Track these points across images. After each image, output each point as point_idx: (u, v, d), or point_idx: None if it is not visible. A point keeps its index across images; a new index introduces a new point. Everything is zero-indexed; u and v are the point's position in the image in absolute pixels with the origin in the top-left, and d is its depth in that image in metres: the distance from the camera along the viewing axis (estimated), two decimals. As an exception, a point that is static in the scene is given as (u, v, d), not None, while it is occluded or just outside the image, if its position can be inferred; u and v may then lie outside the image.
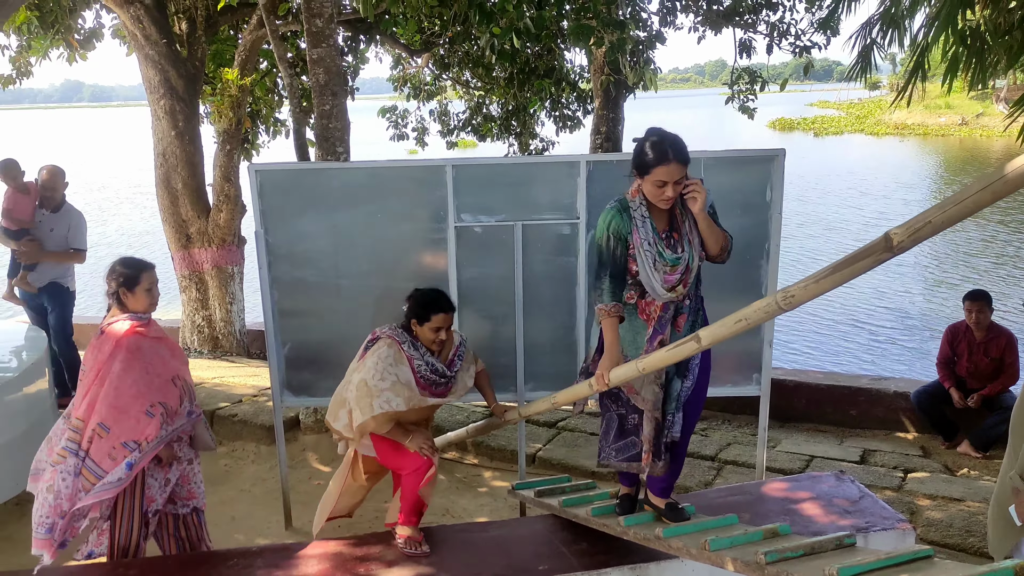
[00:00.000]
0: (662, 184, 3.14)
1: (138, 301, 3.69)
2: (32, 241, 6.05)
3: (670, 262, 3.22)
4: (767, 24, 10.67)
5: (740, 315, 2.49)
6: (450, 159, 4.34)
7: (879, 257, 2.04)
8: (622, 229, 3.26)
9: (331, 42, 5.13)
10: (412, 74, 12.95)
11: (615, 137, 8.84)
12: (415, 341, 3.78)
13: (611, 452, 3.42)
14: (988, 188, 1.81)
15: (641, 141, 3.25)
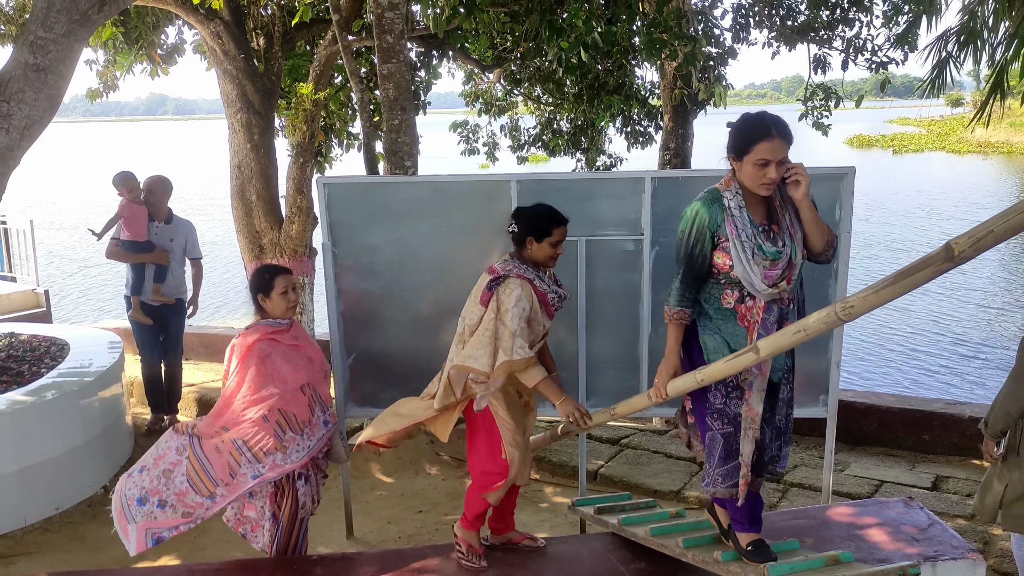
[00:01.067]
0: (764, 163, 2.83)
1: (275, 306, 3.79)
2: (164, 251, 6.06)
3: (770, 256, 2.89)
4: (843, 40, 10.47)
5: (800, 325, 2.47)
6: (514, 174, 4.37)
7: (940, 267, 2.00)
8: (710, 222, 2.93)
9: (401, 58, 5.23)
10: (484, 89, 13.10)
11: (684, 153, 8.76)
12: (539, 271, 3.56)
13: (717, 478, 3.05)
14: None
15: (738, 121, 2.97)
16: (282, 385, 3.68)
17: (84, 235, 11.97)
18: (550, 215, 3.54)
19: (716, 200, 2.97)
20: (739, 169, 2.94)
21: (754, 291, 2.92)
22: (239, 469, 3.58)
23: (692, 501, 5.25)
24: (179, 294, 6.25)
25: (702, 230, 2.94)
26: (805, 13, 10.58)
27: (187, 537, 3.91)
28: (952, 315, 12.48)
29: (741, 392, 2.99)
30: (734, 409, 3.00)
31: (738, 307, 2.99)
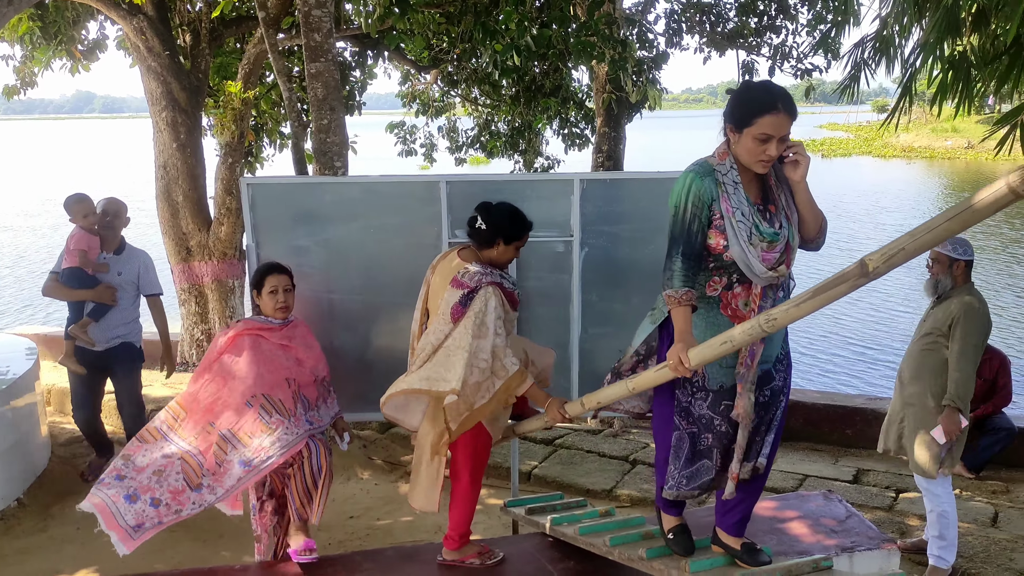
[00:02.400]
0: (766, 139, 2.62)
1: (263, 304, 3.80)
2: (110, 288, 4.98)
3: (768, 237, 2.68)
4: (770, 46, 10.73)
5: (725, 336, 2.50)
6: (444, 175, 4.37)
7: (856, 282, 2.07)
8: (706, 194, 2.69)
9: (329, 56, 5.18)
10: (421, 90, 13.06)
11: (616, 156, 8.86)
12: (504, 272, 3.49)
13: (682, 479, 2.90)
14: (957, 217, 1.84)
15: (741, 88, 2.77)
16: (268, 373, 3.61)
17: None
18: (522, 219, 3.48)
19: (709, 173, 2.73)
20: (736, 141, 2.71)
21: (751, 275, 2.72)
22: (225, 457, 3.44)
23: (623, 499, 5.31)
24: (130, 337, 5.13)
25: (699, 203, 2.70)
26: (734, 20, 10.81)
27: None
28: (870, 316, 12.89)
29: (707, 394, 2.84)
30: (698, 410, 2.86)
31: (724, 295, 2.79)
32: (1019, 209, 22.50)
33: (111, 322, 4.99)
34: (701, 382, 2.83)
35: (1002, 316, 12.17)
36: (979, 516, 4.98)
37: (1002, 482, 5.71)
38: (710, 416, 2.84)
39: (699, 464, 2.89)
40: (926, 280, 4.32)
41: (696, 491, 2.90)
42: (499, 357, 3.33)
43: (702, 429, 2.86)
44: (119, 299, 4.99)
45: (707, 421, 2.84)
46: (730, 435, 2.86)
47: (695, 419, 2.87)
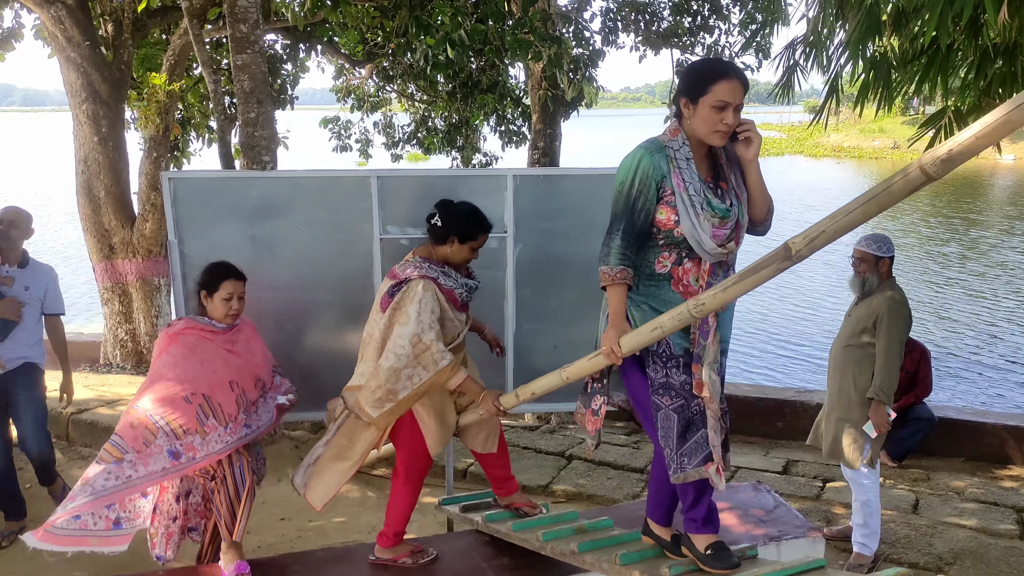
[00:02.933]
0: (723, 106, 2.57)
1: (214, 308, 3.60)
2: (15, 302, 4.52)
3: (719, 213, 2.64)
4: (703, 46, 10.89)
5: (656, 323, 2.52)
6: (375, 170, 4.30)
7: (780, 265, 2.09)
8: (654, 172, 2.64)
9: (256, 48, 5.06)
10: (356, 85, 12.88)
11: (552, 153, 8.88)
12: (445, 268, 3.41)
13: (683, 459, 2.70)
14: (874, 200, 1.87)
15: (691, 64, 2.76)
16: (210, 374, 3.46)
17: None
18: (479, 221, 3.45)
19: (659, 150, 2.68)
20: (691, 115, 2.64)
21: (701, 251, 2.66)
22: (154, 440, 3.29)
23: (559, 495, 5.32)
24: (35, 359, 4.65)
25: (646, 180, 2.64)
26: (669, 19, 10.94)
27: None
28: (795, 311, 13.19)
29: (678, 362, 2.71)
30: (677, 378, 2.71)
31: (674, 270, 2.72)
32: (935, 208, 23.31)
33: (17, 341, 4.53)
34: (668, 350, 2.71)
35: (919, 310, 12.60)
36: (901, 503, 5.12)
37: (923, 470, 5.88)
38: (688, 381, 2.71)
39: (696, 436, 2.70)
40: (852, 278, 4.40)
41: (701, 467, 2.68)
42: (429, 349, 3.27)
43: (688, 398, 2.70)
44: (24, 316, 4.54)
45: (690, 387, 2.70)
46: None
47: (678, 390, 2.70)
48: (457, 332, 3.48)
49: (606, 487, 5.33)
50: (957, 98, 4.35)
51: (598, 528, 3.39)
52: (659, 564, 2.84)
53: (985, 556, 4.40)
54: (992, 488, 5.46)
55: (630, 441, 6.32)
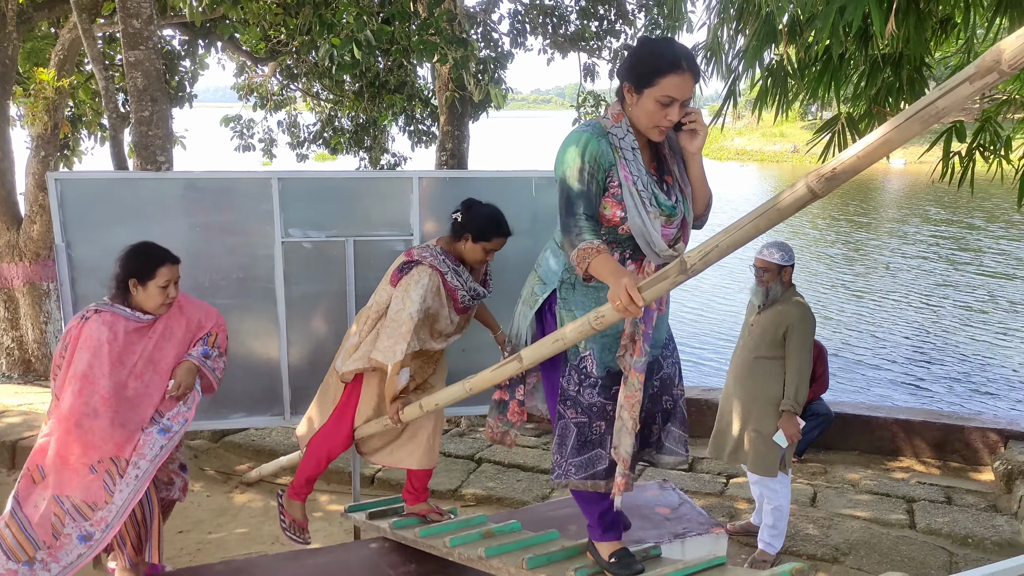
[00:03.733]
0: (668, 102, 2.35)
1: (148, 298, 3.23)
2: None
3: (667, 210, 2.46)
4: (610, 50, 11.06)
5: (558, 335, 2.51)
6: (276, 172, 4.20)
7: (676, 279, 2.11)
8: (603, 158, 2.41)
9: (150, 44, 4.86)
10: (258, 83, 12.55)
11: (460, 154, 8.85)
12: (458, 266, 3.41)
13: (569, 468, 2.66)
14: (764, 215, 1.91)
15: (641, 44, 2.47)
16: (122, 403, 3.14)
17: None
18: (496, 223, 3.42)
19: (603, 135, 2.45)
20: (633, 103, 2.43)
21: (649, 252, 2.46)
22: (63, 529, 3.09)
23: (468, 499, 5.30)
24: None
25: (594, 162, 2.41)
26: (576, 23, 11.06)
27: None
28: (692, 315, 13.52)
29: (596, 381, 2.59)
30: (588, 399, 2.61)
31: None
32: (824, 211, 24.27)
33: None
34: (588, 368, 2.60)
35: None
36: (800, 497, 5.30)
37: (820, 464, 6.10)
38: (602, 403, 2.61)
39: (591, 454, 2.63)
40: (754, 288, 4.37)
41: (587, 481, 2.63)
42: (392, 336, 3.31)
43: (593, 417, 2.61)
44: None
45: (599, 409, 2.61)
46: (620, 423, 2.60)
47: (584, 408, 2.61)
48: (447, 332, 3.51)
49: (516, 489, 5.33)
50: (850, 105, 4.52)
51: (506, 532, 3.38)
52: (566, 567, 2.84)
53: (878, 546, 4.59)
54: (884, 480, 5.70)
55: (540, 443, 6.35)
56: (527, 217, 4.28)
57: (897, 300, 13.52)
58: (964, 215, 22.62)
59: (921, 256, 17.14)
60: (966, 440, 6.15)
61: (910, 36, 3.77)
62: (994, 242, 18.34)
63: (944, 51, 4.82)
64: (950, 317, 12.18)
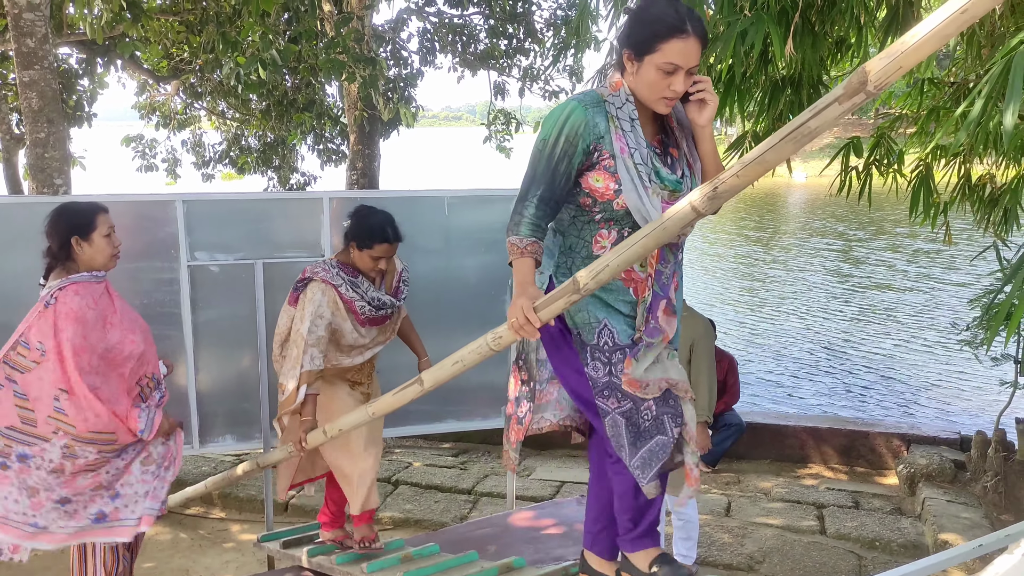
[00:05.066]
0: (672, 70, 2.13)
1: (97, 251, 3.03)
2: None
3: (670, 185, 2.23)
4: (519, 68, 11.19)
5: (456, 357, 2.50)
6: (181, 194, 4.09)
7: (570, 298, 2.13)
8: (586, 130, 2.20)
9: (46, 64, 4.68)
10: (160, 102, 12.22)
11: (371, 173, 8.81)
12: (354, 278, 3.32)
13: (636, 472, 2.30)
14: (651, 235, 1.97)
15: (642, 6, 2.23)
16: (118, 377, 3.03)
17: None
18: (376, 229, 3.31)
19: (597, 104, 2.24)
20: (634, 71, 2.21)
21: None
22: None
23: (386, 522, 5.23)
24: None
25: (572, 138, 2.20)
26: (486, 42, 11.17)
27: None
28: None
29: (624, 353, 2.29)
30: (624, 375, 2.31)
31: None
32: (719, 224, 25.01)
33: None
34: (612, 341, 2.28)
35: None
36: (714, 507, 5.42)
37: (733, 473, 6.26)
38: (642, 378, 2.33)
39: (651, 443, 2.29)
40: None
41: (657, 476, 2.30)
42: (290, 357, 3.26)
43: (638, 400, 2.29)
44: None
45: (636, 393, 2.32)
46: (673, 396, 2.36)
47: (624, 393, 2.28)
48: (356, 344, 3.40)
49: (434, 511, 5.30)
50: (754, 122, 4.69)
51: (425, 555, 3.36)
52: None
53: (791, 553, 4.73)
54: (795, 487, 5.88)
55: (457, 462, 6.33)
56: (440, 236, 4.28)
57: (792, 312, 13.95)
58: (859, 227, 23.61)
59: (814, 268, 17.78)
60: (871, 446, 6.41)
61: (807, 57, 3.94)
62: (887, 254, 19.20)
63: (839, 70, 5.05)
64: (848, 328, 12.67)
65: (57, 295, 2.94)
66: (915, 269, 17.06)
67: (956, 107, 3.94)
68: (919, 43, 1.56)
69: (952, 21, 1.51)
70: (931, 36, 1.55)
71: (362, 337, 3.41)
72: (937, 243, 16.21)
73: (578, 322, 2.31)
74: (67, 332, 2.89)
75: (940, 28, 1.53)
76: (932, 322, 12.56)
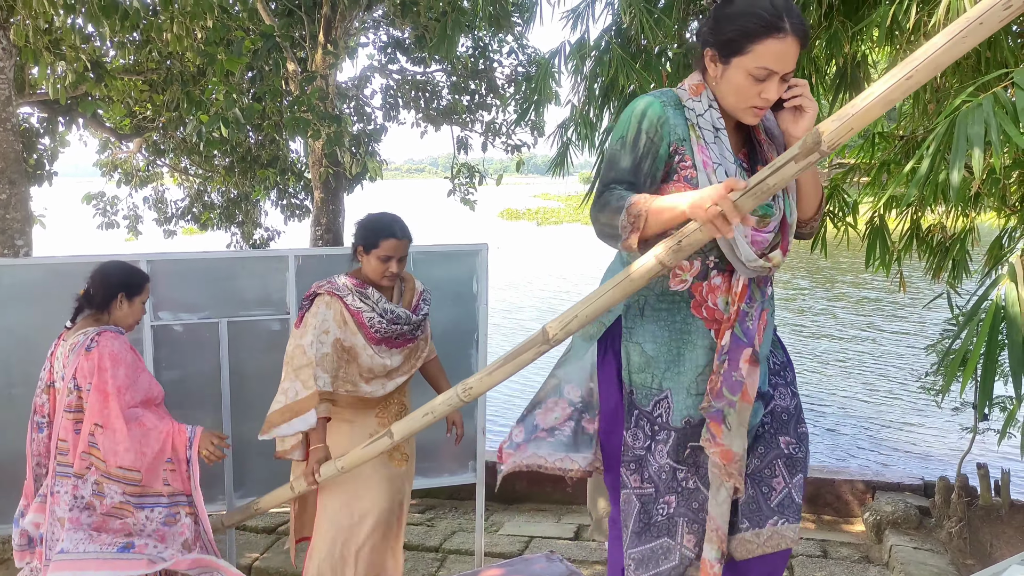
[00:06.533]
0: (765, 75, 1.83)
1: (131, 314, 3.31)
2: None
3: (760, 209, 1.91)
4: (482, 123, 11.38)
5: (427, 408, 2.52)
6: (145, 254, 4.07)
7: (540, 349, 2.17)
8: (668, 129, 1.90)
9: (8, 125, 4.67)
10: (123, 159, 12.17)
11: (336, 229, 8.83)
12: (363, 288, 3.09)
13: (629, 562, 2.06)
14: (618, 287, 2.00)
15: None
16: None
17: None
18: (381, 225, 3.11)
19: (676, 105, 1.94)
20: (718, 75, 1.91)
21: (735, 261, 1.92)
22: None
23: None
24: None
25: (653, 134, 1.89)
26: (448, 97, 11.35)
27: None
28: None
29: (670, 438, 1.99)
30: (659, 459, 2.00)
31: (696, 288, 1.97)
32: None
33: None
34: (665, 417, 2.00)
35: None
36: (684, 557, 5.39)
37: (701, 522, 6.25)
38: (672, 468, 2.01)
39: (655, 543, 2.01)
40: None
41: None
42: (307, 367, 3.00)
43: (662, 489, 1.99)
44: None
45: (669, 477, 2.00)
46: (702, 496, 2.01)
47: (653, 474, 2.01)
48: (378, 371, 3.12)
49: (403, 569, 5.21)
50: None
51: (395, 617, 3.30)
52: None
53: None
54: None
55: (424, 519, 6.25)
56: (407, 293, 4.29)
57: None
58: (809, 276, 24.02)
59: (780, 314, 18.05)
60: (837, 493, 6.44)
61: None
62: (846, 304, 19.52)
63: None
64: (808, 377, 12.82)
65: (97, 339, 3.12)
66: (862, 319, 17.37)
67: (906, 160, 4.09)
68: (868, 107, 1.64)
69: (898, 87, 1.60)
70: (879, 100, 1.63)
71: (381, 359, 3.13)
72: (892, 292, 16.57)
73: (636, 382, 2.03)
74: (112, 371, 3.07)
75: (887, 93, 1.61)
76: (889, 371, 12.77)
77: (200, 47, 6.14)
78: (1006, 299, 2.67)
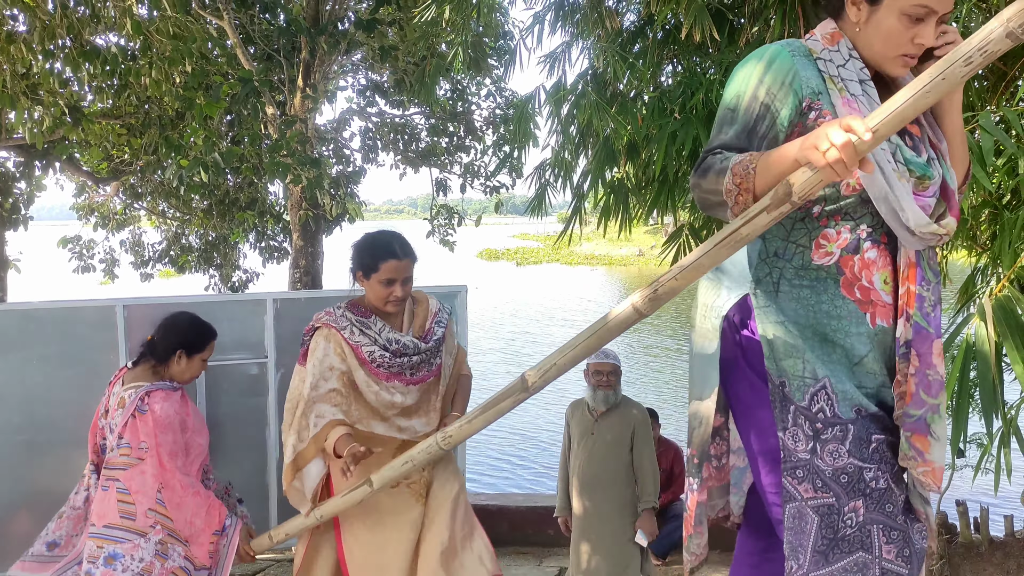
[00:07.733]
0: (924, 13, 1.60)
1: (188, 370, 3.26)
2: None
3: (917, 170, 1.64)
4: (461, 165, 11.47)
5: (407, 456, 2.50)
6: (120, 299, 4.04)
7: (518, 397, 2.18)
8: (800, 83, 1.66)
9: (-16, 171, 4.65)
10: (99, 203, 12.12)
11: (314, 271, 8.80)
12: (365, 318, 2.79)
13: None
14: (596, 335, 2.02)
15: None
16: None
17: None
18: (380, 245, 2.80)
19: (807, 56, 1.70)
20: (862, 20, 1.68)
21: (899, 229, 1.65)
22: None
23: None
24: None
25: (777, 89, 1.65)
26: (427, 139, 11.44)
27: None
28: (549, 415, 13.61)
29: (847, 432, 1.68)
30: (833, 461, 1.68)
31: (845, 261, 1.70)
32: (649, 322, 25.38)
33: None
34: (829, 411, 1.69)
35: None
36: (667, 599, 5.36)
37: (682, 565, 6.20)
38: (858, 468, 1.68)
39: (849, 560, 1.66)
40: (601, 394, 4.23)
41: None
42: (288, 422, 2.84)
43: (845, 494, 1.67)
44: None
45: (853, 478, 1.68)
46: (897, 497, 1.70)
47: (829, 479, 1.68)
48: (381, 404, 2.75)
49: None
50: (689, 215, 4.87)
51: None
52: None
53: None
54: None
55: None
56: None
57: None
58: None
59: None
60: (816, 529, 6.42)
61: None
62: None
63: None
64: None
65: (148, 401, 3.06)
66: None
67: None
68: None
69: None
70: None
71: (388, 396, 2.77)
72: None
73: (786, 369, 1.72)
74: (161, 436, 3.02)
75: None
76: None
77: (179, 91, 6.18)
78: (976, 337, 2.71)
